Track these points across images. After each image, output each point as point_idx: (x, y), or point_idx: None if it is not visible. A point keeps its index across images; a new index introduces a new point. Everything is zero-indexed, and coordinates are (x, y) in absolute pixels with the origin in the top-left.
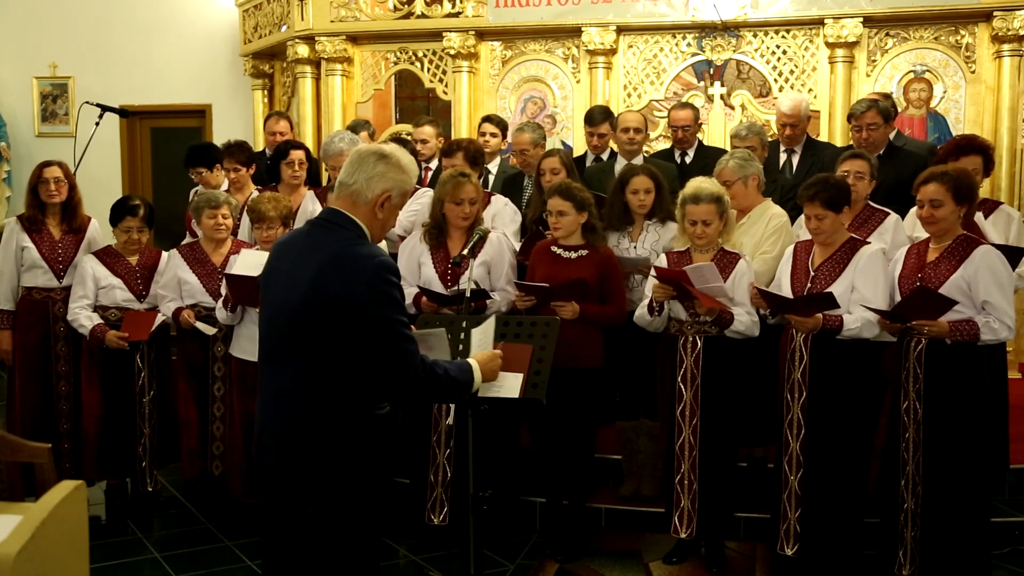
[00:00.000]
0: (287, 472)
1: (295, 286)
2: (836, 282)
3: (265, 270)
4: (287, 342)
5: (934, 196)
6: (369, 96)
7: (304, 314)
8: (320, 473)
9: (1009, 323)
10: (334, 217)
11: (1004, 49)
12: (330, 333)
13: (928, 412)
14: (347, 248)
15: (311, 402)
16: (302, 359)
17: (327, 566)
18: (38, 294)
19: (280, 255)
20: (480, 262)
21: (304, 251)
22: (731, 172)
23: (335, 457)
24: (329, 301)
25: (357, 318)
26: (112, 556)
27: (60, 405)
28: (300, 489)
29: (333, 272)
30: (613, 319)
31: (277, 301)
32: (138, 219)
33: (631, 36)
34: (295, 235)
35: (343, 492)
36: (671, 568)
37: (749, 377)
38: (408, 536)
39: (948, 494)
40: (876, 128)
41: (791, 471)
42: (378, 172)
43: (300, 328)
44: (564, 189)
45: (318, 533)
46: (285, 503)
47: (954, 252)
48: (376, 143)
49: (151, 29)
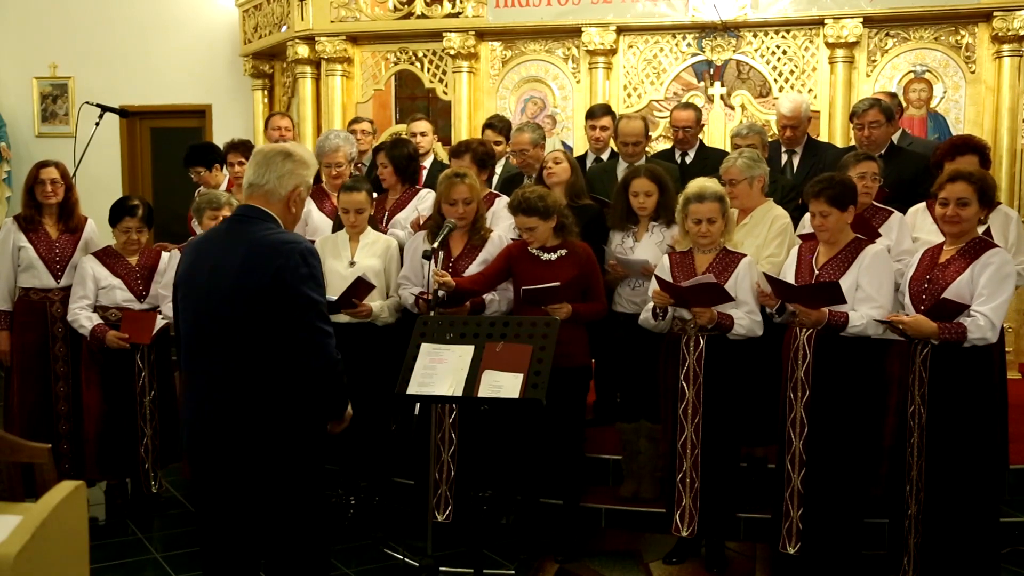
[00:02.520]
0: (237, 447)
1: (223, 277)
2: (840, 281)
3: (185, 267)
4: (218, 331)
5: (962, 195)
6: (369, 96)
7: (234, 302)
8: (267, 442)
9: (996, 322)
10: (251, 212)
11: (1004, 49)
12: (259, 318)
13: (932, 416)
14: (269, 236)
15: (247, 386)
16: (234, 346)
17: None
18: (35, 295)
19: (199, 252)
20: (481, 260)
21: (227, 244)
22: (738, 171)
23: (276, 427)
24: (257, 287)
25: (283, 301)
26: (112, 556)
27: (58, 406)
28: (251, 461)
29: (259, 259)
30: (598, 314)
31: (203, 294)
32: (137, 219)
33: (631, 36)
34: (212, 233)
35: (288, 454)
36: (671, 568)
37: (752, 376)
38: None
39: (952, 498)
40: (878, 126)
41: (794, 470)
42: (287, 170)
43: (231, 316)
44: (523, 205)
45: (267, 497)
46: (231, 478)
47: (966, 254)
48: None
49: (151, 29)
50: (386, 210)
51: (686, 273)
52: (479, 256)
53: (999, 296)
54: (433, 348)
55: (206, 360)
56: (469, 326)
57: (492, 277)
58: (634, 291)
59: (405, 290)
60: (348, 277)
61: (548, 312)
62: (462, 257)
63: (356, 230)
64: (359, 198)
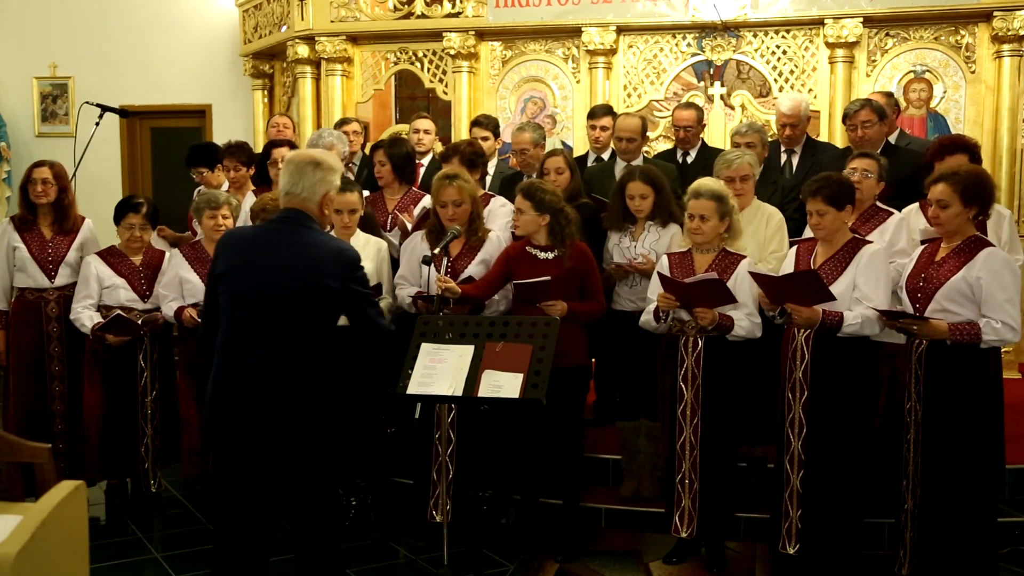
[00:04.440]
0: (285, 426)
1: (282, 273)
2: (838, 280)
3: (231, 262)
4: (274, 321)
5: (941, 196)
6: (369, 96)
7: (294, 296)
8: (312, 422)
9: (1014, 324)
10: (297, 216)
11: (1004, 49)
12: (320, 311)
13: (928, 413)
14: (329, 242)
15: (301, 364)
16: (294, 333)
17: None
18: (31, 295)
19: (249, 248)
20: (479, 261)
21: (281, 243)
22: (750, 168)
23: (325, 401)
24: (322, 287)
25: (339, 298)
26: (112, 556)
27: (54, 406)
28: (295, 440)
29: (325, 263)
30: (596, 314)
31: (258, 286)
32: (140, 216)
33: (631, 36)
34: (258, 231)
35: (325, 435)
36: (671, 568)
37: (750, 377)
38: (410, 535)
39: (948, 496)
40: (871, 125)
41: (793, 470)
42: (317, 179)
43: (293, 308)
44: (527, 189)
45: (304, 469)
46: (271, 456)
47: (960, 253)
48: (305, 150)
49: (151, 29)
50: (388, 212)
51: (685, 273)
52: (477, 256)
53: (1003, 294)
54: (433, 348)
55: (259, 346)
56: (469, 326)
57: (494, 282)
58: (633, 289)
59: (403, 290)
60: None
61: (544, 310)
62: (460, 257)
63: (348, 231)
64: (352, 198)
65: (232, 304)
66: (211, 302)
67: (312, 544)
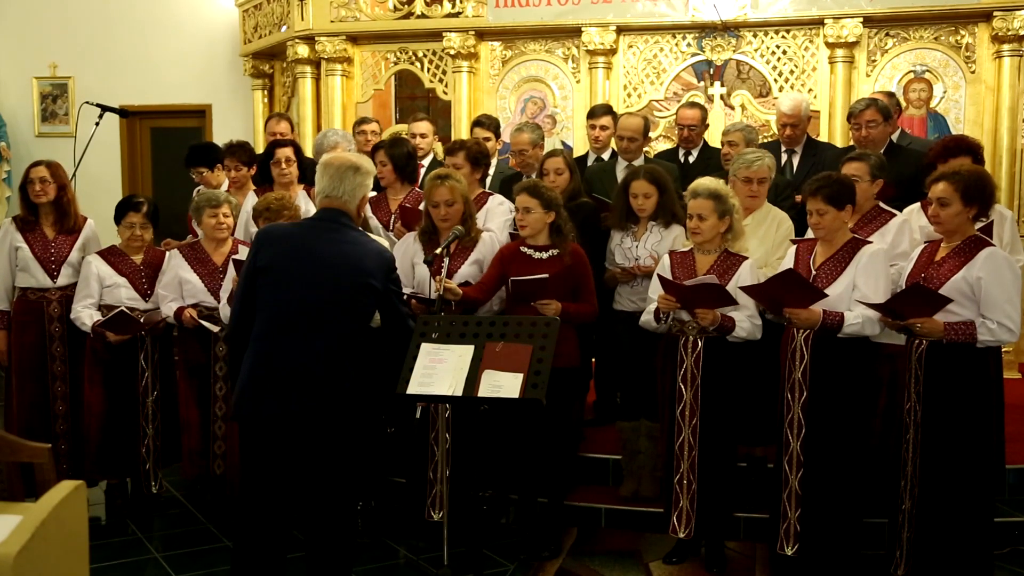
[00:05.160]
0: (328, 419)
1: (327, 268)
2: (837, 281)
3: (273, 256)
4: (321, 315)
5: (941, 195)
6: (369, 96)
7: (344, 293)
8: (357, 406)
9: (1011, 325)
10: (337, 216)
11: (1004, 49)
12: (362, 307)
13: (927, 413)
14: (370, 243)
15: (343, 358)
16: (339, 327)
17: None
18: (33, 295)
19: (291, 243)
20: (472, 260)
21: (325, 240)
22: (768, 171)
23: (363, 395)
24: (366, 285)
25: (377, 294)
26: (112, 556)
27: (56, 406)
28: (340, 431)
29: (365, 259)
30: (588, 316)
31: (302, 280)
32: (140, 215)
33: (631, 36)
34: (300, 228)
35: (366, 416)
36: (671, 568)
37: (750, 377)
38: (410, 535)
39: (947, 496)
40: (875, 125)
41: (791, 471)
42: (357, 183)
43: (338, 303)
44: (531, 187)
45: (340, 454)
46: (316, 438)
47: (960, 253)
48: (341, 153)
49: (151, 29)
50: (391, 212)
51: (687, 273)
52: (470, 256)
53: (1003, 294)
54: (433, 348)
55: (299, 337)
56: (469, 326)
57: (492, 284)
58: (633, 289)
59: None
60: None
61: (538, 309)
62: (454, 258)
63: None
64: None
65: (276, 297)
66: (247, 295)
67: (327, 544)
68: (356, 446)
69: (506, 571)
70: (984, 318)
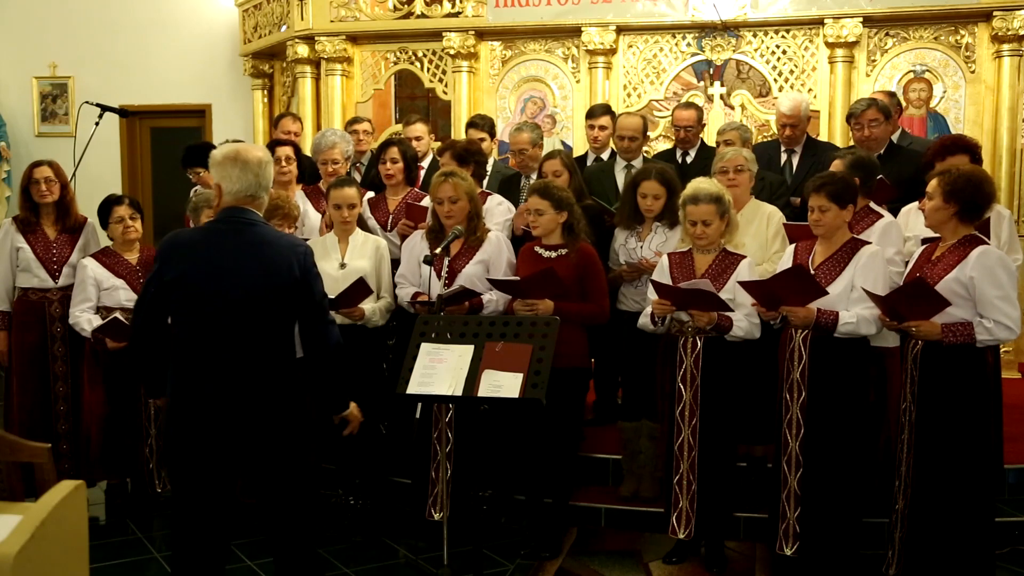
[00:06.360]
0: (266, 418)
1: (243, 278)
2: (836, 281)
3: (184, 269)
4: (241, 327)
5: (928, 190)
6: (369, 96)
7: (259, 300)
8: (291, 408)
9: (1009, 323)
10: (247, 215)
11: (1004, 49)
12: (279, 312)
13: (922, 413)
14: (282, 239)
15: (267, 372)
16: (256, 338)
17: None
18: (34, 295)
19: (201, 253)
20: (477, 260)
21: (235, 246)
22: (745, 160)
23: (294, 394)
24: (281, 284)
25: (301, 296)
26: (112, 556)
27: (57, 406)
28: (279, 428)
29: (280, 260)
30: (593, 317)
31: (217, 293)
32: (125, 206)
33: (631, 36)
34: (207, 235)
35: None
36: (671, 568)
37: (749, 376)
38: (409, 535)
39: (942, 496)
40: (877, 125)
41: (790, 471)
42: (269, 175)
43: (254, 313)
44: (542, 188)
45: (290, 454)
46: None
47: (954, 252)
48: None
49: (151, 29)
50: (390, 213)
51: (685, 274)
52: (476, 256)
53: (997, 292)
54: (433, 348)
55: (226, 353)
56: (469, 326)
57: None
58: (637, 289)
59: (402, 289)
60: (338, 278)
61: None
62: (458, 257)
63: (348, 227)
64: (351, 193)
65: (188, 314)
66: (153, 307)
67: (290, 548)
68: (298, 452)
69: (506, 571)
70: (981, 317)
